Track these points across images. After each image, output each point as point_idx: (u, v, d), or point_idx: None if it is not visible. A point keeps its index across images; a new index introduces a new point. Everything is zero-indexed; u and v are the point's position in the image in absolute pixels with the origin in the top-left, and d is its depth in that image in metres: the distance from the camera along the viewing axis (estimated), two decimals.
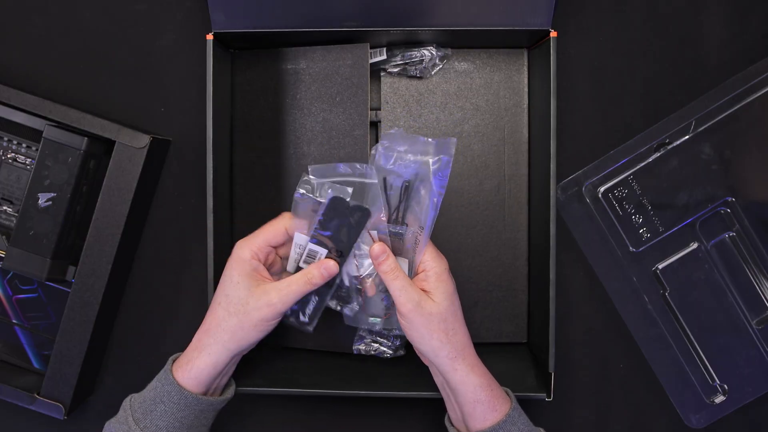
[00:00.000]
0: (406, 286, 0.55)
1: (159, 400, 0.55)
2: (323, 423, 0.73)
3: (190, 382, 0.56)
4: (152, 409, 0.55)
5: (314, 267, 0.56)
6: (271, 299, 0.55)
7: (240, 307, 0.55)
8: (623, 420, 0.71)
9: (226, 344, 0.55)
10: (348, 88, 0.66)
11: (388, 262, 0.55)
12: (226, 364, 0.56)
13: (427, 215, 0.56)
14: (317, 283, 0.56)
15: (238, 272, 0.56)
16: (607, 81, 0.70)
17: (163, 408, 0.55)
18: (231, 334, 0.55)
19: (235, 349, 0.56)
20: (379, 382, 0.65)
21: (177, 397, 0.55)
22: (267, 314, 0.55)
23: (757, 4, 0.69)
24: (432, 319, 0.55)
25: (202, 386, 0.56)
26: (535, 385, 0.64)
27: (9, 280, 0.72)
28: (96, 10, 0.71)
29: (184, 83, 0.71)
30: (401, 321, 0.56)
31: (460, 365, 0.56)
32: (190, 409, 0.55)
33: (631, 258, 0.68)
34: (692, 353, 0.68)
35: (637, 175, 0.67)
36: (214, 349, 0.56)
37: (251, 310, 0.55)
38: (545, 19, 0.61)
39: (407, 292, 0.55)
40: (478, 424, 0.56)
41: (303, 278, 0.56)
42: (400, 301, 0.55)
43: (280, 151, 0.68)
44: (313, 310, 0.59)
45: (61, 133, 0.66)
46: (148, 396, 0.56)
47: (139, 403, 0.56)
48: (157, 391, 0.56)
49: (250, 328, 0.55)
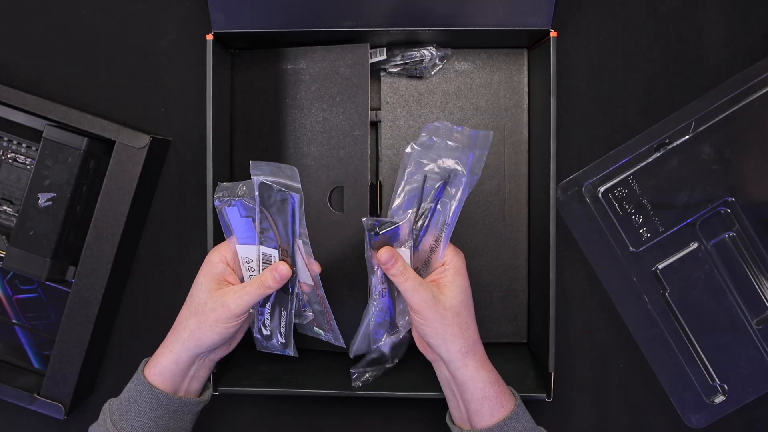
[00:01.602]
0: (417, 286, 0.55)
1: (133, 400, 0.57)
2: (323, 423, 0.72)
3: (157, 378, 0.57)
4: (127, 409, 0.56)
5: (267, 270, 0.57)
6: (226, 300, 0.56)
7: (199, 307, 0.56)
8: (623, 420, 0.71)
9: (185, 343, 0.57)
10: (348, 88, 0.66)
11: (397, 265, 0.55)
12: (188, 362, 0.57)
13: (452, 211, 0.56)
14: (271, 285, 0.56)
15: (204, 274, 0.58)
16: (607, 81, 0.70)
17: (137, 408, 0.56)
18: (190, 333, 0.56)
19: (194, 348, 0.57)
20: (379, 382, 0.65)
21: (148, 395, 0.56)
22: (222, 315, 0.56)
23: (757, 4, 0.69)
24: (446, 314, 0.55)
25: (168, 383, 0.57)
26: (535, 385, 0.64)
27: (9, 280, 0.72)
28: (96, 10, 0.71)
29: (184, 83, 0.71)
30: (414, 317, 0.56)
31: (471, 361, 0.56)
32: (163, 408, 0.57)
33: (631, 258, 0.68)
34: (692, 353, 0.68)
35: (637, 175, 0.67)
36: (175, 347, 0.57)
37: (208, 310, 0.56)
38: (545, 19, 0.61)
39: (419, 292, 0.55)
40: (484, 420, 0.56)
41: (257, 281, 0.56)
42: (413, 301, 0.55)
43: (280, 151, 0.68)
44: (285, 327, 0.60)
45: (61, 133, 0.66)
46: (124, 397, 0.58)
47: (117, 405, 0.57)
48: (131, 392, 0.57)
49: (206, 328, 0.56)
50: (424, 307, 0.55)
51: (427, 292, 0.55)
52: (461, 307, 0.56)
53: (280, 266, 0.57)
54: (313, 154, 0.67)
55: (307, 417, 0.73)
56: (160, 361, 0.57)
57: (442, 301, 0.55)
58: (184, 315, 0.58)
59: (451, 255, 0.57)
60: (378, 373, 0.65)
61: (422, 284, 0.55)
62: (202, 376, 0.60)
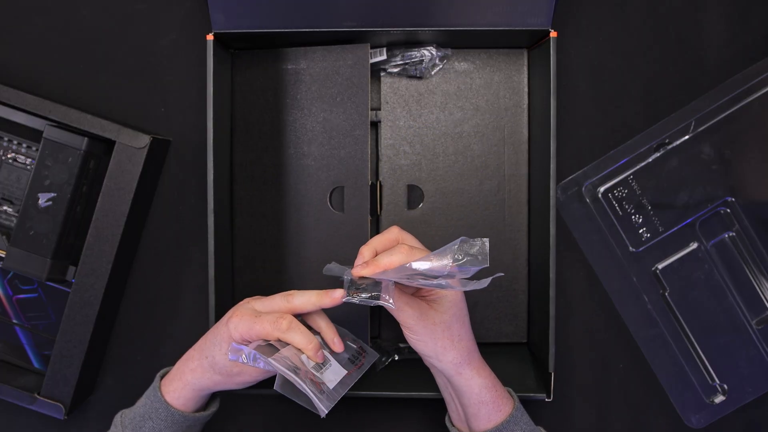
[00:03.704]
0: (403, 305, 0.53)
1: (148, 416, 0.56)
2: (323, 423, 0.72)
3: (177, 402, 0.57)
4: (141, 425, 0.56)
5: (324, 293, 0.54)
6: (252, 373, 0.55)
7: (224, 369, 0.55)
8: (623, 420, 0.71)
9: (207, 385, 0.56)
10: (348, 88, 0.66)
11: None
12: (208, 393, 0.58)
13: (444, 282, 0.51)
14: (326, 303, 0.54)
15: (227, 341, 0.55)
16: (607, 81, 0.70)
17: (152, 425, 0.56)
18: (213, 384, 0.56)
19: (215, 388, 0.57)
20: (379, 382, 0.65)
21: (164, 414, 0.56)
22: (247, 380, 0.56)
23: (757, 4, 0.69)
24: (436, 328, 0.54)
25: (189, 405, 0.57)
26: (535, 386, 0.64)
27: (9, 280, 0.72)
28: (96, 10, 0.71)
29: (184, 83, 0.71)
30: (406, 332, 0.55)
31: (465, 369, 0.55)
32: (177, 425, 0.57)
33: (631, 258, 0.68)
34: (692, 353, 0.68)
35: (637, 175, 0.67)
36: (197, 383, 0.56)
37: (234, 375, 0.55)
38: (545, 19, 0.61)
39: (405, 310, 0.53)
40: (481, 424, 0.56)
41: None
42: (401, 319, 0.54)
43: (280, 151, 0.68)
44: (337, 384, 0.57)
45: (61, 133, 0.66)
46: (138, 412, 0.57)
47: (130, 419, 0.57)
48: (146, 408, 0.57)
49: (232, 384, 0.56)
50: (413, 324, 0.53)
51: (414, 309, 0.53)
52: (452, 320, 0.55)
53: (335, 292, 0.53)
54: (314, 154, 0.67)
55: (307, 417, 0.73)
56: (177, 388, 0.56)
57: (431, 317, 0.54)
58: (204, 367, 0.55)
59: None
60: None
61: (408, 302, 0.53)
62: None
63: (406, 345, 0.68)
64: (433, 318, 0.54)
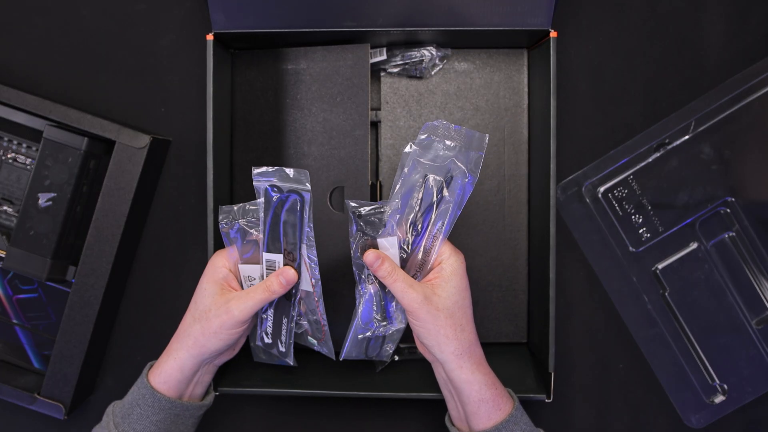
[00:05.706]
0: (407, 287, 0.54)
1: (135, 403, 0.57)
2: (322, 423, 0.73)
3: (161, 386, 0.57)
4: (129, 413, 0.57)
5: (273, 275, 0.57)
6: (230, 307, 0.56)
7: (203, 313, 0.56)
8: (623, 420, 0.71)
9: (190, 350, 0.57)
10: (348, 88, 0.66)
11: (384, 266, 0.55)
12: (193, 369, 0.57)
13: (450, 212, 0.56)
14: (277, 290, 0.56)
15: (207, 280, 0.58)
16: (607, 81, 0.70)
17: (139, 411, 0.56)
18: (194, 340, 0.56)
19: (198, 355, 0.57)
20: (379, 383, 0.65)
21: (151, 399, 0.56)
22: (226, 321, 0.55)
23: (757, 4, 0.69)
24: (439, 314, 0.54)
25: (173, 390, 0.57)
26: (534, 386, 0.64)
27: (9, 280, 0.72)
28: (96, 10, 0.71)
29: (184, 83, 0.71)
30: (408, 317, 0.56)
31: (466, 363, 0.55)
32: (164, 412, 0.57)
33: (631, 258, 0.68)
34: (692, 353, 0.68)
35: (637, 175, 0.67)
36: (180, 354, 0.57)
37: (212, 317, 0.56)
38: (545, 19, 0.61)
39: (409, 293, 0.54)
40: (481, 423, 0.56)
41: (262, 286, 0.56)
42: (404, 302, 0.54)
43: (280, 151, 0.68)
44: (286, 335, 0.60)
45: (61, 133, 0.66)
46: (127, 401, 0.58)
47: (120, 408, 0.58)
48: (134, 395, 0.57)
49: (210, 335, 0.56)
50: (416, 307, 0.54)
51: (418, 292, 0.54)
52: (455, 308, 0.55)
53: (286, 271, 0.56)
54: (314, 154, 0.67)
55: (307, 417, 0.73)
56: (164, 369, 0.57)
57: (434, 302, 0.54)
58: (187, 321, 0.57)
59: (448, 254, 0.57)
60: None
61: (413, 285, 0.55)
62: (205, 381, 0.60)
63: (406, 345, 0.68)
64: (436, 303, 0.54)
